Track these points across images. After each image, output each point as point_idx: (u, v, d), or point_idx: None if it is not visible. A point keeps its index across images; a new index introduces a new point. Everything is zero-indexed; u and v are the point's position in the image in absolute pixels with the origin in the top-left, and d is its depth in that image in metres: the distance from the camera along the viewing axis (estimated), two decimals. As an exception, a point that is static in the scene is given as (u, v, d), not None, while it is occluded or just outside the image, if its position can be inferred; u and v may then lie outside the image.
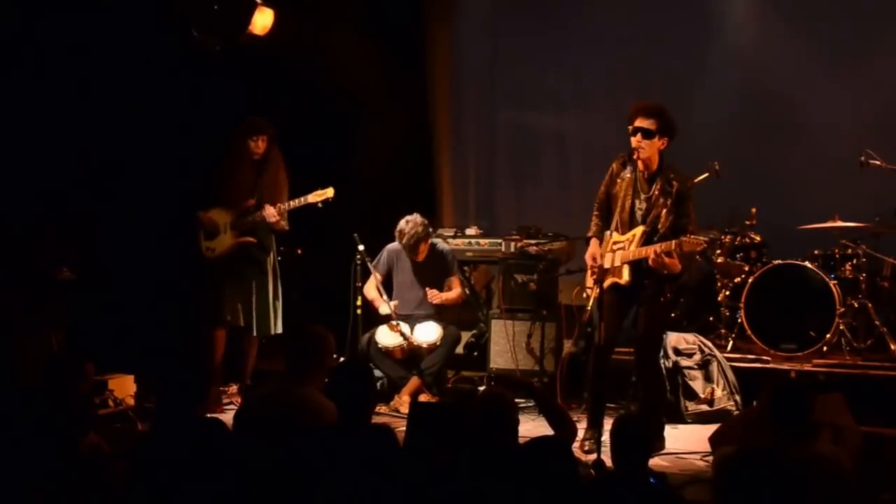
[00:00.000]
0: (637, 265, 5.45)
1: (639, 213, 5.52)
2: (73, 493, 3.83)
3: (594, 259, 5.60)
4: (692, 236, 5.24)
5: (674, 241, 5.24)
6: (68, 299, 6.71)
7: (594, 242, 5.68)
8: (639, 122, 5.44)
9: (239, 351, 6.62)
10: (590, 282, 5.68)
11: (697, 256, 7.08)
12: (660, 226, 5.43)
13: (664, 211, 5.43)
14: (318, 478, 3.65)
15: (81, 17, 6.86)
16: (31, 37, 6.77)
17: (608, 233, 5.58)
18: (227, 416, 5.43)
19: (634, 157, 5.46)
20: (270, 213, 6.43)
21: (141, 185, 7.40)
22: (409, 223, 6.73)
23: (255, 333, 6.55)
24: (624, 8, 8.52)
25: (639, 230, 5.47)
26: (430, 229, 6.89)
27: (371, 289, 6.88)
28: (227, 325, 6.55)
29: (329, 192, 6.49)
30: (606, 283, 5.44)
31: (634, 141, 5.44)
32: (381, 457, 3.69)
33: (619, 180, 5.59)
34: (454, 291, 6.94)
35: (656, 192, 5.47)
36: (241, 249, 6.52)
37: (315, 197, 6.49)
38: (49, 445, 3.84)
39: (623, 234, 5.51)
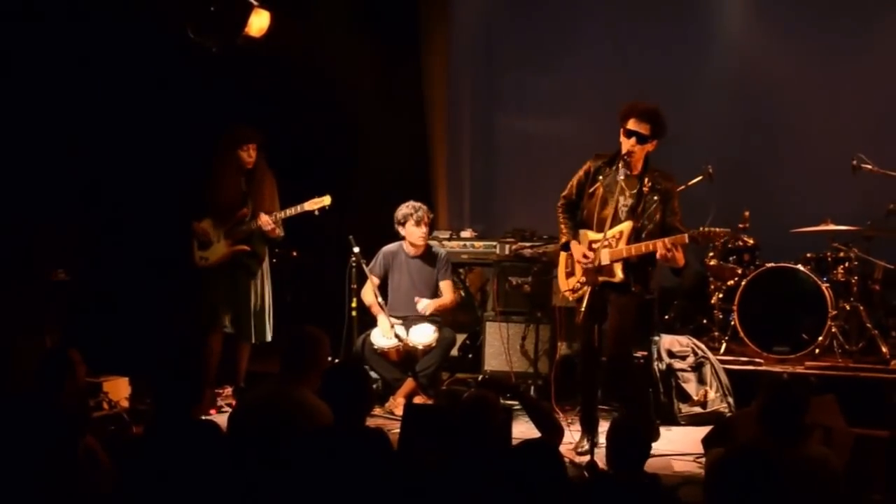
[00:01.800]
0: (626, 263, 5.44)
1: (623, 211, 5.49)
2: (70, 496, 3.84)
3: (586, 256, 5.51)
4: (709, 228, 5.28)
5: (693, 232, 5.25)
6: (63, 301, 6.72)
7: (576, 245, 5.60)
8: (633, 126, 5.42)
9: (232, 354, 6.64)
10: (566, 284, 5.67)
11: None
12: (650, 223, 5.44)
13: (654, 207, 5.45)
14: (312, 480, 3.66)
15: (78, 20, 6.87)
16: (27, 38, 6.78)
17: (583, 231, 5.58)
18: (222, 419, 5.45)
19: (627, 158, 5.45)
20: (265, 221, 6.45)
21: (136, 186, 7.41)
22: (409, 205, 6.84)
23: (251, 340, 6.57)
24: (619, 11, 8.55)
25: (626, 227, 5.44)
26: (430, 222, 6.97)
27: (368, 293, 6.89)
28: (221, 330, 6.57)
29: (326, 200, 6.49)
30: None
31: (629, 144, 5.43)
32: (374, 460, 3.70)
33: (600, 178, 5.55)
34: (446, 297, 6.95)
35: (646, 190, 5.47)
36: (234, 257, 6.54)
37: (312, 205, 6.50)
38: (46, 449, 3.84)
39: (602, 231, 5.41)
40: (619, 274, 5.44)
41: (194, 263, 6.59)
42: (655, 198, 5.46)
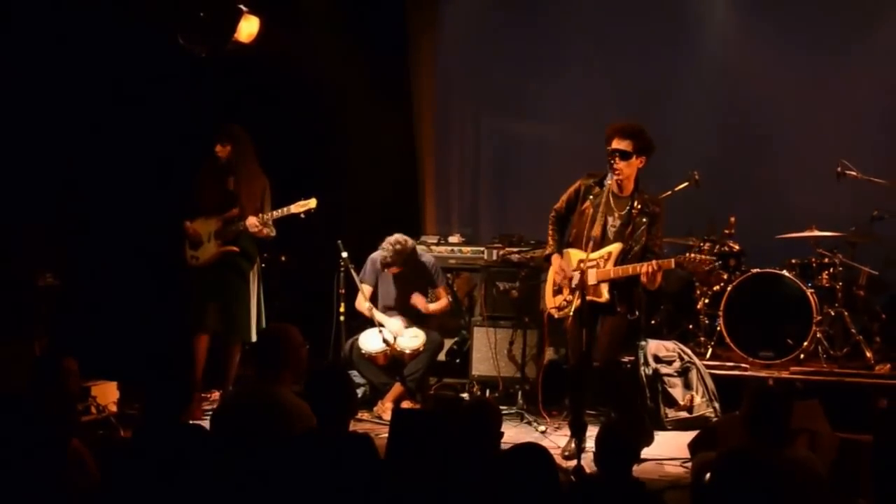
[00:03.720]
0: (613, 283, 5.47)
1: (611, 231, 5.53)
2: (57, 500, 3.84)
3: (563, 272, 5.59)
4: (695, 255, 5.34)
5: (679, 258, 5.30)
6: (51, 305, 6.71)
7: (557, 258, 5.67)
8: (615, 144, 5.47)
9: (222, 358, 6.65)
10: (552, 302, 5.69)
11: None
12: (637, 245, 5.48)
13: (641, 230, 5.49)
14: (296, 485, 3.67)
15: (68, 25, 6.87)
16: (15, 42, 6.78)
17: (571, 250, 5.61)
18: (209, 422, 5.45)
19: (616, 178, 5.47)
20: (252, 223, 6.46)
21: (125, 190, 7.41)
22: (399, 244, 6.75)
23: (238, 341, 6.58)
24: (605, 18, 8.57)
25: (614, 248, 5.47)
26: (410, 256, 6.87)
27: (363, 304, 6.90)
28: (209, 332, 6.58)
29: (311, 203, 6.50)
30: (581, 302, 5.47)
31: (614, 162, 5.47)
32: (358, 465, 3.71)
33: (590, 198, 5.57)
34: (441, 302, 7.00)
35: (635, 213, 5.51)
36: (224, 258, 6.55)
37: (297, 207, 6.51)
38: (33, 452, 3.84)
39: (591, 251, 5.40)
40: (604, 294, 5.47)
41: (186, 263, 6.60)
42: (644, 220, 5.50)
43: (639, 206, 5.51)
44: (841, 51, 8.05)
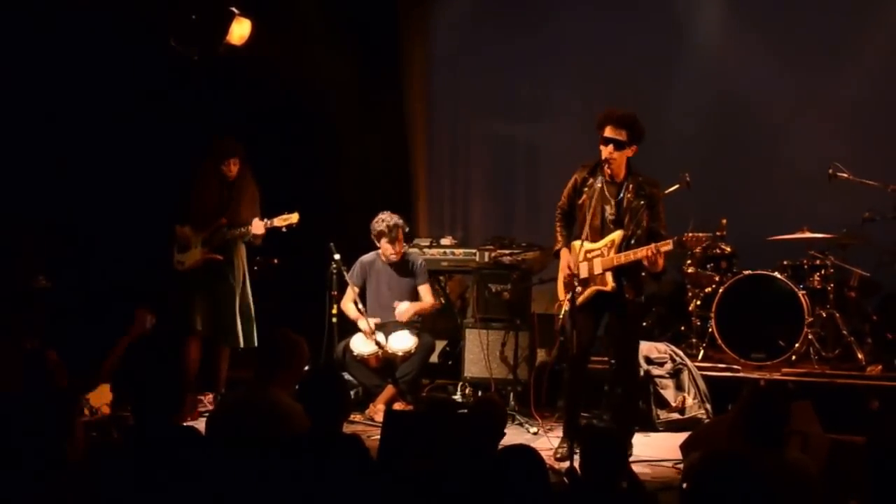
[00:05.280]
0: (619, 270, 5.48)
1: (610, 219, 5.54)
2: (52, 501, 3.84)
3: (569, 269, 5.61)
4: (693, 234, 5.34)
5: (676, 238, 5.30)
6: (44, 308, 6.70)
7: (565, 253, 5.68)
8: (610, 133, 5.46)
9: (214, 361, 6.66)
10: (563, 295, 5.71)
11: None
12: (638, 229, 5.47)
13: (640, 213, 5.48)
14: (289, 487, 3.67)
15: (61, 27, 6.86)
16: (7, 45, 6.77)
17: (577, 242, 5.62)
18: (202, 425, 5.44)
19: (606, 167, 5.50)
20: (258, 226, 6.47)
21: (117, 194, 7.40)
22: (387, 214, 6.83)
23: (221, 344, 6.60)
24: (596, 20, 8.61)
25: (616, 236, 5.48)
26: (400, 227, 6.93)
27: (348, 303, 6.90)
28: (199, 335, 6.59)
29: (293, 218, 6.53)
30: (589, 292, 5.48)
31: (607, 151, 5.47)
32: (350, 466, 3.71)
33: (585, 189, 5.59)
34: (425, 301, 6.99)
35: (629, 197, 5.50)
36: (210, 264, 6.56)
37: (280, 221, 6.54)
38: (34, 452, 3.84)
39: (595, 241, 5.51)
40: (610, 282, 5.48)
41: (173, 267, 6.61)
42: (641, 202, 5.49)
43: (633, 190, 5.50)
44: (833, 53, 8.09)
